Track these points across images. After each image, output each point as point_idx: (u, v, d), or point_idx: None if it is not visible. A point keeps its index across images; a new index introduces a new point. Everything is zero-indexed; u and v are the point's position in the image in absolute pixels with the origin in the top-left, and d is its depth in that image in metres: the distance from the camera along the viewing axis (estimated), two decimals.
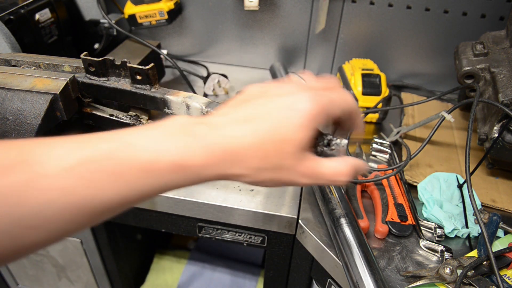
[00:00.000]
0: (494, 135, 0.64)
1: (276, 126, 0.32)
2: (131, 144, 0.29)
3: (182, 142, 0.30)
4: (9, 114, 0.50)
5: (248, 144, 0.32)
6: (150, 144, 0.29)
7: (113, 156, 0.28)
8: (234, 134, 0.32)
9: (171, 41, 1.06)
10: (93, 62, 0.53)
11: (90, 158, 0.27)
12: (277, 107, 0.33)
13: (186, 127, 0.31)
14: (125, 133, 0.30)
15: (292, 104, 0.33)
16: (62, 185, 0.26)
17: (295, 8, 0.94)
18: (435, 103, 0.91)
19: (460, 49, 0.73)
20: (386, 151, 0.75)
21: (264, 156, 0.32)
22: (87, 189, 0.27)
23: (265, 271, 0.80)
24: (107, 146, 0.28)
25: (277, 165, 0.33)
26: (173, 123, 0.31)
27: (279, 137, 0.32)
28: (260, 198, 0.66)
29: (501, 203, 0.65)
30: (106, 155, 0.28)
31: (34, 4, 0.77)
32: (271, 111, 0.33)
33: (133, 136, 0.30)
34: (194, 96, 0.51)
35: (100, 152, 0.28)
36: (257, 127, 0.32)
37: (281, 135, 0.32)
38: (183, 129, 0.31)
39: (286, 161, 0.33)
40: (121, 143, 0.29)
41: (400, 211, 0.61)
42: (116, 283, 0.96)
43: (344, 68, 0.89)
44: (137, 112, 0.57)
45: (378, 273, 0.49)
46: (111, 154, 0.28)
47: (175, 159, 0.29)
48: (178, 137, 0.30)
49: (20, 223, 0.25)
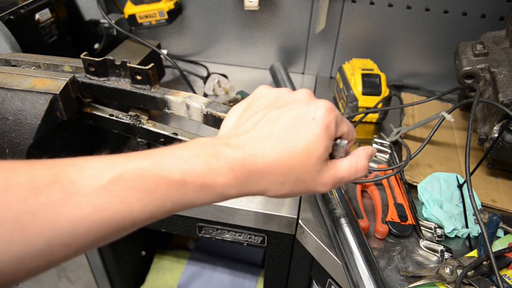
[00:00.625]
0: (494, 135, 0.64)
1: (297, 139, 0.33)
2: (160, 163, 0.30)
3: (207, 163, 0.31)
4: (9, 114, 0.50)
5: (271, 161, 0.32)
6: (178, 164, 0.30)
7: (143, 175, 0.29)
8: (256, 152, 0.32)
9: (171, 41, 1.06)
10: (93, 62, 0.53)
11: (120, 176, 0.28)
12: (295, 118, 0.34)
13: (211, 148, 0.32)
14: (154, 153, 0.31)
15: (308, 114, 0.34)
16: (93, 202, 0.27)
17: (295, 8, 0.94)
18: (435, 103, 0.91)
19: (460, 49, 0.73)
20: (386, 151, 0.75)
21: (287, 171, 0.33)
22: (117, 205, 0.28)
23: (265, 271, 0.80)
24: (137, 165, 0.29)
25: (299, 179, 0.34)
26: (198, 144, 0.32)
27: (301, 150, 0.33)
28: (260, 198, 0.66)
29: (501, 203, 0.65)
30: (136, 174, 0.29)
31: (34, 4, 0.77)
32: (289, 124, 0.33)
33: (162, 156, 0.31)
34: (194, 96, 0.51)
35: (130, 170, 0.29)
36: (278, 143, 0.33)
37: (302, 148, 0.33)
38: (208, 150, 0.32)
39: (308, 174, 0.34)
40: (150, 162, 0.30)
41: (400, 211, 0.61)
42: (116, 283, 0.96)
43: (344, 68, 0.89)
44: (137, 112, 0.57)
45: (378, 273, 0.49)
46: (141, 173, 0.29)
47: (201, 180, 0.31)
48: (203, 158, 0.31)
49: (52, 241, 0.25)
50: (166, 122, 0.83)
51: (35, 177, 0.26)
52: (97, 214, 0.27)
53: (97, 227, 0.27)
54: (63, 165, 0.28)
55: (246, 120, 0.36)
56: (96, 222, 0.27)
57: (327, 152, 0.35)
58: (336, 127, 0.35)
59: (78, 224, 0.26)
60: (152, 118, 0.58)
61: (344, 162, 0.37)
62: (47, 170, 0.27)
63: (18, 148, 0.50)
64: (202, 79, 0.97)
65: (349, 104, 0.82)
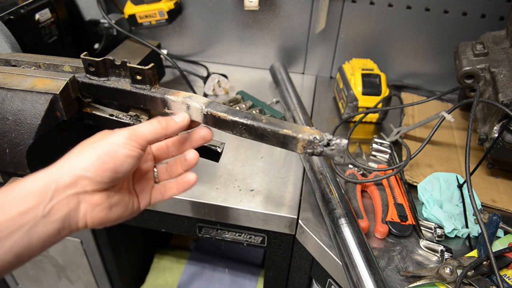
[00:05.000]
0: (494, 135, 0.64)
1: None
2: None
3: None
4: (9, 114, 0.50)
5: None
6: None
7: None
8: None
9: (171, 41, 1.06)
10: (93, 62, 0.53)
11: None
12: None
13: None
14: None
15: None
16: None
17: (295, 8, 0.94)
18: (435, 103, 0.91)
19: (460, 49, 0.73)
20: (386, 151, 0.75)
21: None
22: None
23: (265, 271, 0.80)
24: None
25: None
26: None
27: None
28: (260, 198, 0.66)
29: (501, 203, 0.65)
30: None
31: (34, 4, 0.77)
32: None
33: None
34: (194, 96, 0.51)
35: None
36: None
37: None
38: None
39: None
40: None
41: (400, 211, 0.61)
42: (116, 283, 0.96)
43: (344, 68, 0.89)
44: (137, 112, 0.57)
45: (378, 273, 0.49)
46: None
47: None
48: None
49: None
50: None
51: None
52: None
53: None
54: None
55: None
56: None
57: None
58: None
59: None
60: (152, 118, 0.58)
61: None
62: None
63: (18, 148, 0.50)
64: (202, 79, 0.97)
65: (349, 104, 0.82)
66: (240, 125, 0.48)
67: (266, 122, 0.47)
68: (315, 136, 0.44)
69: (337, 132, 0.81)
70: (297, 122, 0.77)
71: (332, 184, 0.61)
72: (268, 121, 0.47)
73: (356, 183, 0.66)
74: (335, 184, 0.61)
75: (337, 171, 0.65)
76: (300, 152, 0.46)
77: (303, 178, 0.71)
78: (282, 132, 0.46)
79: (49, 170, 0.37)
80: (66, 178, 0.36)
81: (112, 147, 0.39)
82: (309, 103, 0.93)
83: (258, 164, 0.74)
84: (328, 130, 0.64)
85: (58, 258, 0.92)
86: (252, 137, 0.48)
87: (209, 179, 0.70)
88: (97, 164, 0.37)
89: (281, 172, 0.72)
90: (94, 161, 0.37)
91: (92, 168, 0.37)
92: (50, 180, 0.36)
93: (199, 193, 0.67)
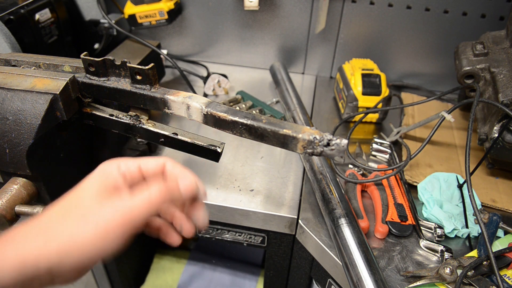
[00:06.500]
0: (494, 135, 0.64)
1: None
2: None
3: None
4: (9, 114, 0.50)
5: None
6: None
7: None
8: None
9: (171, 41, 1.06)
10: (93, 62, 0.53)
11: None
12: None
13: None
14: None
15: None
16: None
17: (295, 8, 0.94)
18: (435, 103, 0.91)
19: (460, 49, 0.73)
20: (386, 151, 0.75)
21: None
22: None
23: (265, 271, 0.80)
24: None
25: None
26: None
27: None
28: (260, 198, 0.66)
29: (501, 203, 0.65)
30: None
31: (34, 4, 0.77)
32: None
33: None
34: (194, 96, 0.51)
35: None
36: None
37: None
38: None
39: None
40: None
41: (400, 211, 0.61)
42: (116, 283, 0.96)
43: (344, 68, 0.89)
44: (137, 112, 0.57)
45: (378, 273, 0.49)
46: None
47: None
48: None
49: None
50: (166, 122, 0.83)
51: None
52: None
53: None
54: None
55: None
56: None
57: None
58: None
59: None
60: (152, 118, 0.58)
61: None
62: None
63: (18, 148, 0.50)
64: (202, 79, 0.97)
65: (349, 104, 0.82)
66: (240, 125, 0.48)
67: (266, 122, 0.47)
68: (315, 136, 0.45)
69: (337, 132, 0.81)
70: (297, 122, 0.77)
71: (332, 184, 0.61)
72: (268, 121, 0.47)
73: (356, 183, 0.66)
74: (335, 184, 0.61)
75: (337, 171, 0.65)
76: (300, 152, 0.46)
77: (303, 178, 0.71)
78: (282, 132, 0.46)
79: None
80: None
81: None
82: (309, 103, 0.93)
83: (258, 164, 0.74)
84: (328, 130, 0.64)
85: None
86: (252, 137, 0.48)
87: (209, 179, 0.70)
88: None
89: (281, 172, 0.72)
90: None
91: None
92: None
93: None
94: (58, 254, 0.31)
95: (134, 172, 0.37)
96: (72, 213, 0.33)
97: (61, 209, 0.34)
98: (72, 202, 0.34)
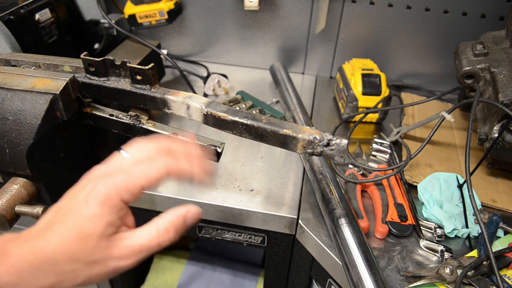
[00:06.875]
0: (494, 135, 0.64)
1: (73, 224, 0.33)
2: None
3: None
4: (9, 114, 0.50)
5: (54, 250, 0.32)
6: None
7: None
8: (40, 244, 0.32)
9: (171, 41, 1.06)
10: (93, 62, 0.53)
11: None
12: (72, 205, 0.34)
13: (0, 246, 0.32)
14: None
15: (83, 199, 0.34)
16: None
17: (295, 8, 0.94)
18: (435, 103, 0.91)
19: (460, 49, 0.73)
20: (386, 151, 0.75)
21: (71, 256, 0.33)
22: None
23: (265, 271, 0.80)
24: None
25: (89, 261, 0.33)
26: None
27: (80, 234, 0.33)
28: (260, 198, 0.66)
29: (501, 203, 0.65)
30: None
31: (34, 4, 0.77)
32: (67, 211, 0.34)
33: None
34: (194, 96, 0.51)
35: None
36: (58, 231, 0.33)
37: (81, 231, 0.33)
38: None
39: (95, 255, 0.33)
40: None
41: (400, 211, 0.61)
42: (116, 283, 0.96)
43: (344, 68, 0.89)
44: (137, 112, 0.57)
45: (378, 273, 0.49)
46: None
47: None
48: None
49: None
50: (166, 122, 0.83)
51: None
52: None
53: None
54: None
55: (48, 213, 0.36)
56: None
57: (112, 227, 0.34)
58: (121, 194, 0.34)
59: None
60: (152, 118, 0.58)
61: (143, 229, 0.36)
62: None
63: (18, 148, 0.50)
64: (202, 79, 0.97)
65: (349, 104, 0.82)
66: (240, 125, 0.48)
67: (266, 122, 0.47)
68: (315, 136, 0.45)
69: (337, 132, 0.81)
70: (297, 122, 0.77)
71: (332, 184, 0.61)
72: (268, 121, 0.47)
73: (356, 183, 0.66)
74: (335, 184, 0.61)
75: (337, 171, 0.65)
76: (300, 152, 0.46)
77: (303, 178, 0.71)
78: (282, 132, 0.46)
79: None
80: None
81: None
82: (309, 103, 0.93)
83: (258, 164, 0.74)
84: (328, 130, 0.64)
85: None
86: (252, 137, 0.48)
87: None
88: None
89: (281, 172, 0.72)
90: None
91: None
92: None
93: (199, 193, 0.67)
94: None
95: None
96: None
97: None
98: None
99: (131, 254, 0.35)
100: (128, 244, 0.35)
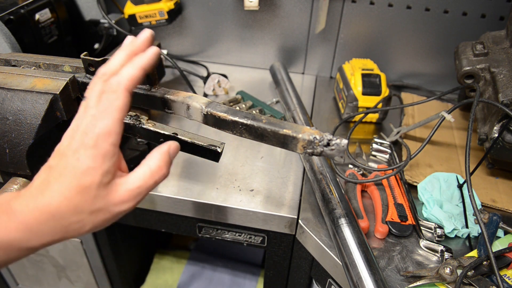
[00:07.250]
0: (494, 135, 0.64)
1: (71, 180, 0.33)
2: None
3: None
4: (9, 114, 0.50)
5: (57, 206, 0.33)
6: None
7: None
8: (42, 201, 0.33)
9: (171, 41, 1.06)
10: (93, 62, 0.53)
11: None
12: (64, 164, 0.34)
13: (3, 206, 0.33)
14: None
15: (73, 157, 0.34)
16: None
17: (295, 8, 0.94)
18: (435, 103, 0.91)
19: (460, 49, 0.73)
20: (386, 151, 0.75)
21: (75, 209, 0.34)
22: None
23: (265, 271, 0.80)
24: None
25: (92, 210, 0.34)
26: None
27: (79, 188, 0.33)
28: (260, 198, 0.66)
29: (501, 203, 0.65)
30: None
31: (34, 4, 0.77)
32: (62, 170, 0.34)
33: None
34: (194, 96, 0.51)
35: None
36: (57, 189, 0.33)
37: (79, 185, 0.33)
38: (1, 208, 0.33)
39: (97, 204, 0.34)
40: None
41: (400, 211, 0.61)
42: (116, 283, 0.96)
43: (344, 68, 0.89)
44: (137, 112, 0.57)
45: (378, 273, 0.49)
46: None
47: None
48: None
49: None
50: (166, 122, 0.83)
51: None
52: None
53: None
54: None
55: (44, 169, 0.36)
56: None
57: (108, 175, 0.35)
58: (108, 140, 0.34)
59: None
60: (152, 118, 0.58)
61: (137, 172, 0.37)
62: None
63: (18, 148, 0.50)
64: (202, 79, 0.97)
65: (349, 104, 0.82)
66: (240, 125, 0.48)
67: (266, 122, 0.47)
68: (315, 136, 0.45)
69: (337, 132, 0.81)
70: (297, 122, 0.77)
71: (332, 184, 0.61)
72: (268, 121, 0.47)
73: (356, 183, 0.66)
74: (335, 184, 0.61)
75: (337, 171, 0.65)
76: (300, 152, 0.46)
77: (303, 178, 0.71)
78: (282, 132, 0.46)
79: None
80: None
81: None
82: (309, 103, 0.93)
83: (258, 164, 0.74)
84: (328, 130, 0.64)
85: (58, 258, 0.92)
86: (252, 137, 0.48)
87: (209, 179, 0.70)
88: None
89: (281, 172, 0.72)
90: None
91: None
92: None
93: (199, 193, 0.67)
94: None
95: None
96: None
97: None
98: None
99: (130, 197, 0.36)
100: (126, 188, 0.36)
